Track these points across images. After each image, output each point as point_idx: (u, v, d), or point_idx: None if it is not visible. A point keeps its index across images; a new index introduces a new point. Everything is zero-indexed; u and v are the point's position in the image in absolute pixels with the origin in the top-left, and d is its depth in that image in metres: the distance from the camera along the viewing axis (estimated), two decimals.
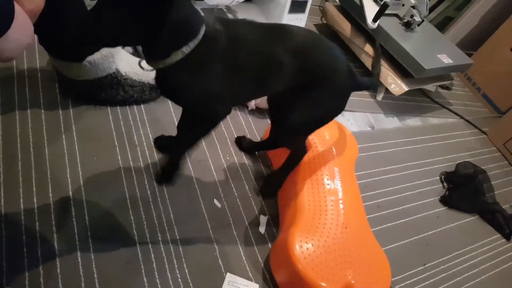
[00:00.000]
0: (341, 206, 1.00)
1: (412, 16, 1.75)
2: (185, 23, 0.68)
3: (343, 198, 1.03)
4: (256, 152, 1.21)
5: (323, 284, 0.83)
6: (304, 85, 0.84)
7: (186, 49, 0.70)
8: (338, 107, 0.92)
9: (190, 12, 0.69)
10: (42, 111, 1.00)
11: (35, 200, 0.84)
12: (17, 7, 0.50)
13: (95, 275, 0.78)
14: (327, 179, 1.05)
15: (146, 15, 0.63)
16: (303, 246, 0.86)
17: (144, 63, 0.75)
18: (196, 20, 0.70)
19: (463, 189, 1.48)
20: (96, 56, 0.97)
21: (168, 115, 1.16)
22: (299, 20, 1.54)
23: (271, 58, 0.79)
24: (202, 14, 0.71)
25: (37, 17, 0.57)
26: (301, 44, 0.81)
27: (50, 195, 0.86)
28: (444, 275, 1.18)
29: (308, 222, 0.93)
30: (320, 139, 1.16)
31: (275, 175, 1.11)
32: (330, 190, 1.04)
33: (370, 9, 1.70)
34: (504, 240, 1.44)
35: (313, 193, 1.01)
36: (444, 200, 1.43)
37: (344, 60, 0.86)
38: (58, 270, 0.76)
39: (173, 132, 1.11)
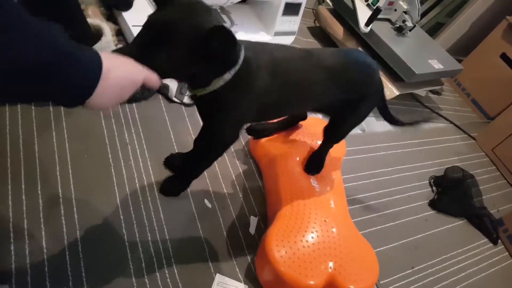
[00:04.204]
0: (322, 201, 1.02)
1: (404, 21, 1.77)
2: (230, 57, 0.70)
3: (323, 193, 1.04)
4: (246, 151, 1.21)
5: (311, 282, 0.84)
6: (349, 102, 0.94)
7: (228, 76, 0.71)
8: (371, 109, 1.03)
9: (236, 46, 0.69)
10: (33, 107, 0.98)
11: (23, 197, 0.83)
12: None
13: (83, 274, 0.77)
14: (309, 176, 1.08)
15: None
16: (279, 245, 0.87)
17: (184, 90, 0.77)
18: (237, 49, 0.71)
19: (452, 193, 1.50)
20: None
21: (160, 114, 1.16)
22: (293, 23, 1.54)
23: (305, 82, 0.84)
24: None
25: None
26: (339, 67, 0.88)
27: (39, 192, 0.85)
28: (432, 278, 1.19)
29: (284, 222, 0.93)
30: (307, 136, 1.17)
31: (318, 155, 1.11)
32: (310, 186, 1.05)
33: (363, 13, 1.71)
34: (491, 244, 1.46)
35: (295, 191, 1.02)
36: (433, 204, 1.45)
37: (377, 75, 0.96)
38: (46, 269, 0.76)
39: (165, 131, 1.11)
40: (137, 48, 0.61)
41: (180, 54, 0.62)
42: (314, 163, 1.11)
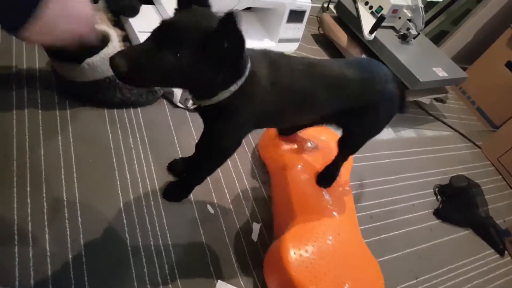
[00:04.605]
0: (334, 213, 1.01)
1: (408, 29, 1.78)
2: (238, 68, 0.70)
3: (336, 206, 1.03)
4: (250, 157, 1.21)
5: None
6: (353, 111, 0.91)
7: (234, 88, 0.71)
8: (386, 122, 0.99)
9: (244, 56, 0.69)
10: (39, 111, 0.99)
11: (28, 200, 0.83)
12: None
13: (86, 278, 0.78)
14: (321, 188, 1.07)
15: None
16: (296, 253, 0.86)
17: (189, 102, 0.76)
18: (245, 59, 0.70)
19: (457, 202, 1.49)
20: (95, 59, 0.97)
21: (164, 119, 1.16)
22: (297, 30, 1.55)
23: (309, 91, 0.83)
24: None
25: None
26: (340, 79, 0.86)
27: (44, 195, 0.86)
28: None
29: (301, 229, 0.93)
30: (321, 146, 1.17)
31: (331, 168, 1.10)
32: (324, 198, 1.04)
33: (367, 21, 1.72)
34: (497, 255, 1.44)
35: (307, 200, 1.02)
36: (437, 213, 1.44)
37: (385, 83, 0.92)
38: (49, 272, 0.76)
39: (169, 136, 1.12)
40: (146, 45, 0.62)
41: (187, 53, 0.62)
42: (327, 176, 1.09)
